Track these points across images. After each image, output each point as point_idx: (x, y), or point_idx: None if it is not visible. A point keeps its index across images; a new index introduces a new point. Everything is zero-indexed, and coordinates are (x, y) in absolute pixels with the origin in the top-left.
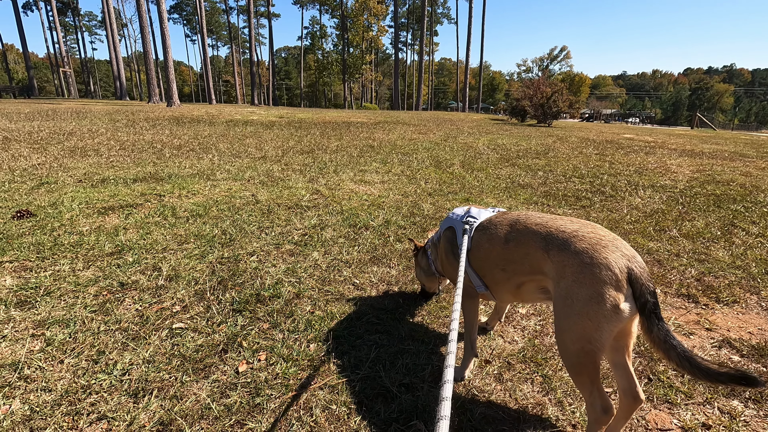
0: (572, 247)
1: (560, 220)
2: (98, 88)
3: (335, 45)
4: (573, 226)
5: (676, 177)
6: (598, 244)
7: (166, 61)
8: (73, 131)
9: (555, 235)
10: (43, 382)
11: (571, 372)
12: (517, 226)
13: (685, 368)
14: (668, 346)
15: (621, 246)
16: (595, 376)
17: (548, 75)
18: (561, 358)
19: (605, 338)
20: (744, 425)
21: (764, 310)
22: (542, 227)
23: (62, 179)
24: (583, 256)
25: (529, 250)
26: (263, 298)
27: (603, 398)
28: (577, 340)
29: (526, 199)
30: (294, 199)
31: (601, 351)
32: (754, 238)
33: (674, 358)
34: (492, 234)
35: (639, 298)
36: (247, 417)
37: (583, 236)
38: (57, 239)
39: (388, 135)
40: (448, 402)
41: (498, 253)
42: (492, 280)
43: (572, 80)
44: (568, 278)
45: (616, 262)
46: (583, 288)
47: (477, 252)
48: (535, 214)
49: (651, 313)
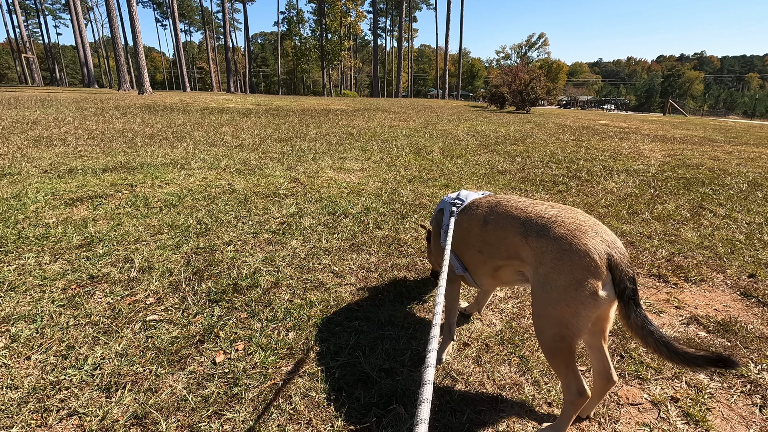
0: (551, 233)
1: (540, 205)
2: (64, 75)
3: (313, 31)
4: (552, 212)
5: (649, 161)
6: (577, 230)
7: (136, 47)
8: (37, 120)
9: (534, 220)
10: (9, 379)
11: (547, 356)
12: (497, 209)
13: (662, 353)
14: (645, 332)
15: (601, 231)
16: (570, 360)
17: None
18: (538, 342)
19: (582, 324)
20: (709, 397)
21: (729, 288)
22: (522, 212)
23: (26, 170)
24: (562, 242)
25: (506, 234)
26: (240, 288)
27: (578, 381)
28: (554, 325)
29: (504, 184)
30: (272, 188)
31: (578, 336)
32: (721, 219)
33: (651, 343)
34: (472, 214)
35: (618, 284)
36: (225, 407)
37: (562, 222)
38: (21, 232)
39: (368, 122)
40: (431, 385)
41: (475, 234)
42: (470, 260)
43: (550, 67)
44: (547, 265)
45: (596, 248)
46: (561, 275)
47: (456, 232)
48: (516, 198)
49: (629, 299)
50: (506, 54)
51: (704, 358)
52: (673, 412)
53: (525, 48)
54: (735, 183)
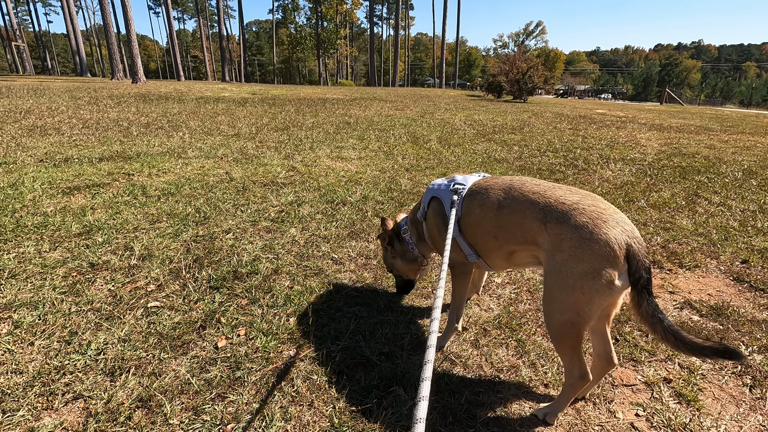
0: (572, 220)
1: (558, 190)
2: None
3: (308, 19)
4: (573, 198)
5: (645, 150)
6: (599, 219)
7: (129, 35)
8: (30, 109)
9: (554, 206)
10: (13, 364)
11: (554, 340)
12: (512, 193)
13: (669, 341)
14: (655, 320)
15: (621, 221)
16: (577, 345)
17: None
18: (546, 326)
19: (594, 312)
20: (701, 378)
21: (723, 273)
22: (540, 196)
23: (21, 159)
24: (582, 230)
25: (524, 219)
26: (241, 275)
27: (581, 366)
28: (566, 311)
29: (501, 173)
30: (269, 176)
31: (588, 323)
32: (715, 206)
33: (660, 331)
34: (484, 199)
35: (634, 274)
36: (228, 390)
37: (583, 209)
38: (19, 221)
39: (365, 111)
40: (431, 365)
41: (490, 219)
42: (484, 246)
43: (547, 56)
44: (565, 252)
45: (616, 238)
46: (579, 263)
47: (468, 218)
48: (531, 180)
49: (643, 288)
50: (504, 42)
51: (711, 348)
52: (666, 393)
53: (522, 36)
54: (730, 171)
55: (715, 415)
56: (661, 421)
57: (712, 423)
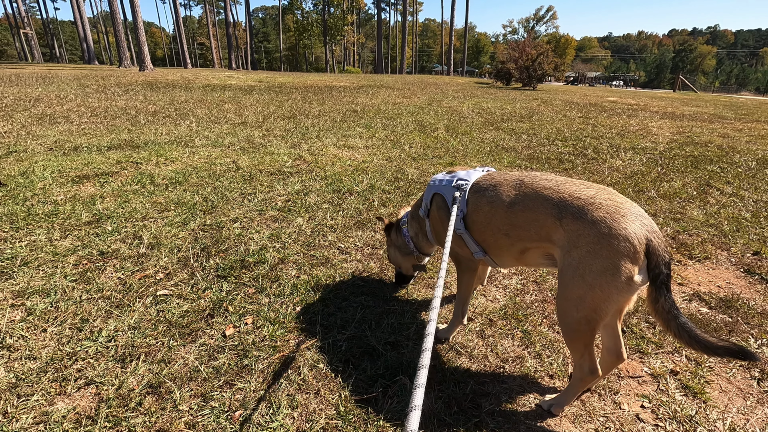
0: (589, 215)
1: (572, 184)
2: (64, 51)
3: (315, 5)
4: (588, 192)
5: (657, 139)
6: (617, 213)
7: (136, 22)
8: (39, 97)
9: (569, 201)
10: (27, 350)
11: (567, 336)
12: (523, 189)
13: (682, 339)
14: (670, 317)
15: (640, 215)
16: (590, 341)
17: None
18: (559, 322)
19: (611, 309)
20: (708, 370)
21: (733, 265)
22: (553, 192)
23: (32, 147)
24: (600, 225)
25: (538, 215)
26: (248, 264)
27: (592, 361)
28: (582, 308)
29: (510, 162)
30: (276, 165)
31: (604, 320)
32: (727, 197)
33: (673, 328)
34: (493, 196)
35: (653, 270)
36: (236, 377)
37: (600, 204)
38: (31, 209)
39: (372, 99)
40: (428, 353)
41: (501, 216)
42: (494, 244)
43: (558, 42)
44: (582, 248)
45: (636, 233)
46: (598, 260)
47: (476, 216)
48: (541, 175)
49: (662, 284)
50: (513, 28)
51: (725, 348)
52: (673, 385)
53: (533, 22)
54: (744, 161)
55: (722, 407)
56: (667, 413)
57: (718, 415)
